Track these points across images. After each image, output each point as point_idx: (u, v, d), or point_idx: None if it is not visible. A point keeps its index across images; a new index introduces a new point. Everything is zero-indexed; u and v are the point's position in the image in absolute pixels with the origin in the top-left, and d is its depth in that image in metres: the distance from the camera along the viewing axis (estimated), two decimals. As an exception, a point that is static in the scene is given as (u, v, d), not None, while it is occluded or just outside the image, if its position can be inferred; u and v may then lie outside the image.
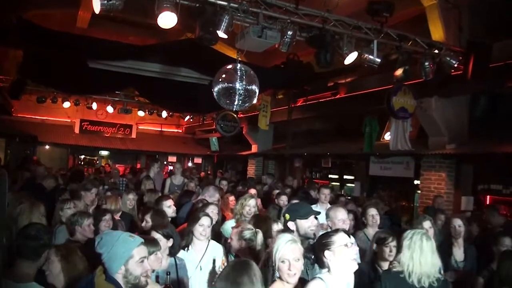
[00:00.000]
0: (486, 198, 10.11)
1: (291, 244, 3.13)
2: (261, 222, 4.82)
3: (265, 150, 17.37)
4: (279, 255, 3.10)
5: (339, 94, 12.69)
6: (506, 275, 4.19)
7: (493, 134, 9.43)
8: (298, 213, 4.06)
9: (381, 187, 12.73)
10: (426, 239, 3.69)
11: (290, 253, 3.09)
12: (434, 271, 3.61)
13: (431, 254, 3.62)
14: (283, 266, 3.08)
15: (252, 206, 5.69)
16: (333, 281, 3.13)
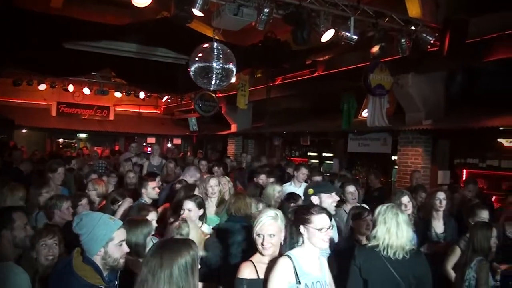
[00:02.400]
0: (463, 172, 10.31)
1: (270, 219, 3.28)
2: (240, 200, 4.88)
3: (245, 129, 17.42)
4: (257, 228, 3.28)
5: (317, 72, 12.70)
6: (478, 245, 4.30)
7: (469, 110, 9.58)
8: (322, 188, 4.25)
9: (359, 163, 12.89)
10: (401, 212, 3.76)
11: (266, 228, 3.26)
12: (408, 243, 3.69)
13: (406, 227, 3.70)
14: (259, 239, 3.26)
15: (214, 185, 5.68)
16: (303, 253, 3.22)
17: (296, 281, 3.09)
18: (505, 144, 9.45)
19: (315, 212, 3.28)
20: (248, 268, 3.22)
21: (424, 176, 9.79)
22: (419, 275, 3.64)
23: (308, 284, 3.13)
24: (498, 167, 9.36)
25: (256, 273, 3.21)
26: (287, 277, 3.09)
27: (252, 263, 3.25)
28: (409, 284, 3.62)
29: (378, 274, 3.67)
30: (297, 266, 3.13)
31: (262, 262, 3.26)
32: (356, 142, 12.25)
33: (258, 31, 7.52)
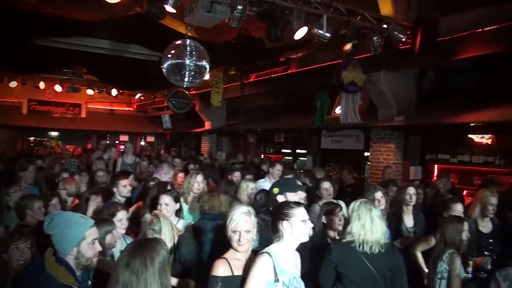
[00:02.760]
0: (434, 167, 10.46)
1: (244, 216, 3.31)
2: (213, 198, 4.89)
3: (219, 126, 17.39)
4: (232, 225, 3.28)
5: (291, 69, 12.75)
6: (450, 238, 4.39)
7: (440, 106, 9.73)
8: (287, 187, 4.20)
9: (333, 159, 13.00)
10: (374, 208, 3.82)
11: (242, 224, 3.28)
12: (383, 237, 3.75)
13: (380, 222, 3.76)
14: (234, 236, 3.27)
15: (200, 181, 5.84)
16: (281, 250, 3.26)
17: (275, 278, 3.12)
18: (475, 139, 9.64)
19: (295, 206, 3.35)
20: (223, 266, 3.21)
21: (396, 172, 9.92)
22: (394, 268, 3.72)
23: (285, 281, 3.16)
24: (469, 162, 9.51)
25: (231, 270, 3.21)
26: (266, 275, 3.11)
27: (226, 260, 3.25)
28: (384, 276, 3.69)
29: (355, 269, 3.73)
30: (276, 263, 3.15)
31: (236, 258, 3.28)
32: (329, 138, 12.35)
33: (231, 28, 7.51)
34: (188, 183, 5.86)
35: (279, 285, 3.12)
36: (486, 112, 8.25)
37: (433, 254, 4.59)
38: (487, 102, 8.60)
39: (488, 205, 5.11)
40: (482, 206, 5.17)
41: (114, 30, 9.57)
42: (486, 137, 9.44)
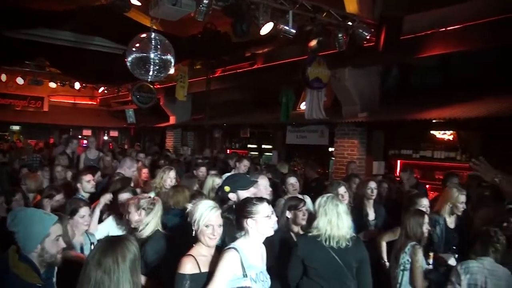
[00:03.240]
0: (397, 162, 10.69)
1: (216, 210, 3.31)
2: (178, 193, 4.86)
3: (184, 121, 17.26)
4: (204, 220, 3.24)
5: (257, 64, 12.76)
6: (411, 231, 4.48)
7: (402, 103, 9.93)
8: (238, 184, 4.13)
9: (298, 154, 13.09)
10: (340, 203, 3.87)
11: (215, 219, 3.28)
12: (350, 231, 3.81)
13: (346, 217, 3.82)
14: (207, 230, 3.24)
15: (173, 177, 5.84)
16: (248, 245, 3.27)
17: (243, 273, 3.12)
18: (437, 135, 9.89)
19: (258, 202, 3.35)
20: (190, 263, 3.18)
21: (360, 167, 10.07)
22: (360, 260, 3.81)
23: (252, 276, 3.17)
24: (431, 157, 9.76)
25: (198, 267, 3.18)
26: (233, 270, 3.11)
27: (193, 257, 3.22)
28: (351, 269, 3.77)
29: (322, 263, 3.79)
30: (243, 259, 3.16)
31: (202, 255, 3.26)
32: (294, 134, 12.43)
33: (197, 22, 7.45)
34: (161, 179, 5.81)
35: (247, 279, 3.13)
36: (448, 109, 8.44)
37: (395, 246, 4.68)
38: (449, 100, 8.81)
39: (458, 204, 5.24)
40: (452, 205, 5.28)
41: (78, 21, 9.38)
42: (447, 133, 9.70)
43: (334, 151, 10.98)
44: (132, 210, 3.95)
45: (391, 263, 4.73)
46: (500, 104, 7.74)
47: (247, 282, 3.12)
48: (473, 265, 3.97)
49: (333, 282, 3.79)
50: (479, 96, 8.45)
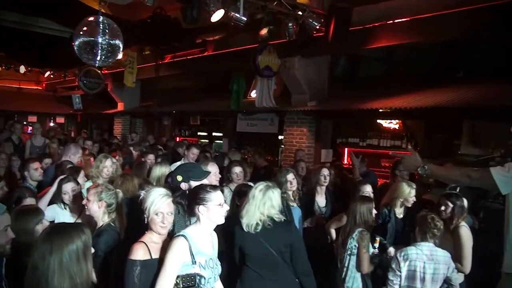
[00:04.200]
0: (344, 150, 10.92)
1: (167, 198, 3.31)
2: (127, 181, 4.81)
3: (132, 108, 16.95)
4: (154, 208, 3.24)
5: (207, 51, 12.67)
6: (359, 217, 4.62)
7: (350, 92, 10.12)
8: (191, 174, 4.10)
9: (248, 142, 13.16)
10: (269, 189, 3.94)
11: (165, 206, 3.28)
12: (276, 215, 3.90)
13: (273, 202, 3.90)
14: (157, 218, 3.24)
15: (109, 166, 5.63)
16: (198, 232, 3.29)
17: (192, 260, 3.14)
18: (384, 124, 10.17)
19: (212, 190, 3.36)
20: (141, 249, 3.17)
21: (308, 155, 10.22)
22: (290, 243, 3.88)
23: (201, 262, 3.20)
24: (377, 145, 10.06)
25: (149, 254, 3.18)
26: (182, 257, 3.12)
27: (144, 243, 3.21)
28: (280, 252, 3.84)
29: (252, 248, 3.89)
30: (192, 246, 3.17)
31: (153, 241, 3.26)
32: (244, 122, 12.47)
33: (147, 7, 7.34)
34: (97, 168, 5.60)
35: (196, 266, 3.15)
36: (394, 99, 8.67)
37: (343, 232, 4.80)
38: (395, 90, 9.06)
39: (409, 198, 5.40)
40: (403, 199, 5.43)
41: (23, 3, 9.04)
42: (393, 122, 9.99)
43: (284, 139, 11.10)
44: (92, 199, 3.84)
45: (338, 248, 4.85)
46: (442, 95, 8.04)
47: (196, 268, 3.15)
48: (412, 252, 4.12)
49: (267, 268, 3.89)
50: (422, 87, 8.74)
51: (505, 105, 6.79)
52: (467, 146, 8.31)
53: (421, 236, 4.18)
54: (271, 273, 3.88)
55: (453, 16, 7.44)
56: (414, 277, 4.10)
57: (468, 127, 8.40)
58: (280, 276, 3.88)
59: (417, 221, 4.33)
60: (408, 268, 4.12)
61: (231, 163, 6.28)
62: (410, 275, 4.12)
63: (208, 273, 3.24)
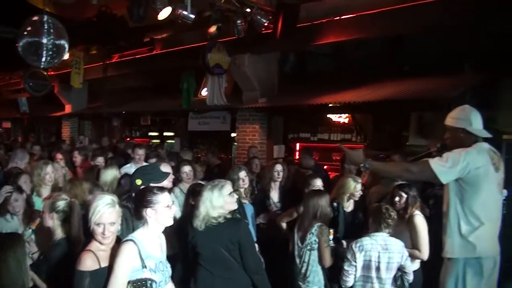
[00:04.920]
0: (296, 145, 11.03)
1: (109, 207, 3.16)
2: (75, 187, 4.70)
3: (80, 109, 16.50)
4: (95, 218, 3.12)
5: (156, 50, 12.51)
6: (322, 211, 4.65)
7: (300, 88, 10.22)
8: (151, 177, 4.03)
9: (201, 141, 13.10)
10: (215, 188, 3.95)
11: (108, 217, 3.14)
12: (222, 213, 3.90)
13: (221, 199, 3.91)
14: (98, 229, 3.13)
15: (51, 172, 5.47)
16: (146, 236, 3.23)
17: (142, 264, 3.08)
18: (333, 119, 10.33)
19: (159, 192, 3.29)
20: (90, 259, 3.07)
21: (261, 151, 10.27)
22: (237, 240, 3.86)
23: (152, 266, 3.14)
24: (328, 140, 10.20)
25: (98, 263, 3.09)
26: (131, 262, 3.05)
27: (92, 252, 3.11)
28: (229, 250, 3.83)
29: (203, 247, 3.87)
30: (141, 250, 3.11)
31: (101, 249, 3.16)
32: (196, 120, 12.38)
33: (92, 5, 7.18)
34: (38, 176, 5.41)
35: (146, 270, 3.10)
36: (343, 94, 8.82)
37: (299, 227, 4.81)
38: (343, 85, 9.21)
39: (355, 193, 5.46)
40: (350, 194, 5.50)
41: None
42: (343, 116, 10.15)
43: (236, 136, 11.10)
44: (45, 211, 3.69)
45: (294, 244, 4.85)
46: (389, 88, 8.23)
47: (146, 273, 3.10)
48: (367, 242, 4.18)
49: (218, 266, 3.88)
50: (370, 81, 8.91)
51: (450, 96, 7.04)
52: (415, 137, 8.53)
53: (375, 227, 4.24)
54: (223, 271, 3.87)
55: (398, 11, 7.65)
56: (370, 267, 4.17)
57: (416, 119, 8.62)
58: (231, 274, 3.88)
59: (370, 212, 4.41)
60: (364, 259, 4.18)
61: (180, 163, 6.22)
62: (365, 265, 4.19)
63: (159, 277, 3.19)
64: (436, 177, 3.53)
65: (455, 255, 3.61)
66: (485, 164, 3.52)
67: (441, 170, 3.51)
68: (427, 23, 7.55)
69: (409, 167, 3.85)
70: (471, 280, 3.53)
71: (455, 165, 3.47)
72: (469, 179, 3.51)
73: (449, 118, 3.78)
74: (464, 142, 3.65)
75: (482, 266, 3.53)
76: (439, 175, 3.51)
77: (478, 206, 3.53)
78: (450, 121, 3.76)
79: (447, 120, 3.78)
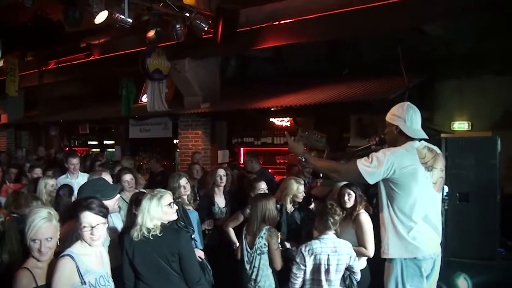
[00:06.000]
0: (240, 150, 11.04)
1: (45, 222, 2.98)
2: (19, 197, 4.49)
3: (16, 119, 15.86)
4: (31, 233, 2.95)
5: (93, 55, 12.21)
6: (270, 214, 4.61)
7: (242, 93, 10.26)
8: (102, 193, 3.78)
9: (142, 149, 12.88)
10: (153, 197, 3.80)
11: (44, 232, 2.97)
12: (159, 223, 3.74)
13: (160, 209, 3.75)
14: (35, 245, 2.95)
15: None
16: (85, 249, 3.08)
17: (81, 281, 2.94)
18: (276, 123, 10.41)
19: (82, 209, 3.11)
20: (25, 277, 2.89)
21: (205, 157, 10.18)
22: (178, 251, 3.72)
23: (92, 282, 3.01)
24: (271, 143, 10.31)
25: (34, 281, 2.91)
26: (70, 279, 2.91)
27: (28, 269, 2.93)
28: (168, 262, 3.69)
29: (141, 260, 3.70)
30: (80, 265, 2.96)
31: (37, 267, 2.97)
32: (137, 127, 12.16)
33: (27, 9, 6.90)
34: None
35: (86, 286, 2.96)
36: (284, 98, 8.91)
37: (247, 231, 4.75)
38: (285, 89, 9.30)
39: (298, 194, 5.48)
40: (293, 195, 5.51)
41: None
42: (285, 120, 10.24)
43: (179, 142, 10.98)
44: None
45: (242, 249, 4.77)
46: (330, 92, 8.40)
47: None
48: (316, 246, 4.17)
49: (157, 279, 3.72)
50: (311, 84, 9.06)
51: (388, 98, 7.23)
52: (356, 139, 8.72)
53: (323, 226, 4.24)
54: (162, 284, 3.71)
55: (335, 16, 7.80)
56: (319, 270, 4.15)
57: (355, 121, 8.82)
58: (172, 287, 3.73)
59: (316, 213, 4.43)
60: (314, 262, 4.17)
61: (121, 171, 6.03)
62: (315, 268, 4.17)
63: None
64: (362, 178, 3.55)
65: (391, 255, 3.61)
66: (412, 164, 3.51)
67: (366, 170, 3.52)
68: (363, 27, 7.73)
69: (338, 168, 3.87)
70: (411, 281, 3.54)
71: (379, 165, 3.48)
72: (396, 180, 3.52)
73: (388, 114, 3.79)
74: (398, 140, 3.67)
75: (420, 267, 3.54)
76: (364, 175, 3.53)
77: (408, 206, 3.53)
78: (389, 117, 3.77)
79: (387, 115, 3.80)
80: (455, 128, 8.38)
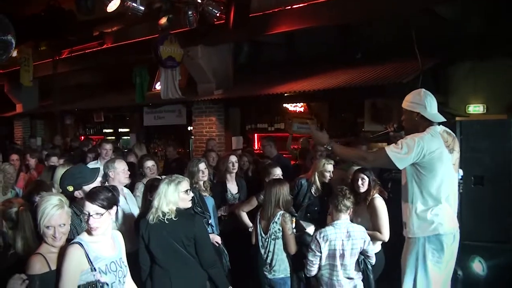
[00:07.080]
0: (254, 136, 11.06)
1: (57, 209, 3.05)
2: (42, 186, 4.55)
3: (32, 109, 16.03)
4: (44, 221, 3.01)
5: (106, 44, 12.23)
6: (283, 200, 4.63)
7: (255, 79, 10.24)
8: (80, 180, 3.87)
9: (157, 136, 12.95)
10: (172, 182, 3.86)
11: (57, 219, 3.03)
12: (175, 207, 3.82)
13: (177, 194, 3.83)
14: (49, 231, 3.01)
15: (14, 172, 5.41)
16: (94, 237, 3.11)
17: (91, 267, 2.98)
18: (289, 108, 10.38)
19: (85, 198, 3.18)
20: (39, 262, 2.96)
21: (219, 143, 10.22)
22: (193, 235, 3.78)
23: (102, 268, 3.04)
24: (285, 129, 10.25)
25: (48, 266, 2.98)
26: (79, 266, 2.95)
27: (42, 255, 3.00)
28: (184, 246, 3.76)
29: (157, 243, 3.77)
30: (89, 252, 3.00)
31: (51, 252, 3.04)
32: (151, 115, 12.23)
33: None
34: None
35: (96, 273, 3.00)
36: (297, 83, 8.88)
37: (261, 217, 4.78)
38: (298, 74, 9.27)
39: (325, 172, 5.53)
40: (319, 174, 5.56)
41: None
42: (299, 105, 10.22)
43: (193, 129, 11.02)
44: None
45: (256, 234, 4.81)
46: (343, 76, 8.34)
47: (96, 275, 2.99)
48: (331, 232, 4.21)
49: (173, 263, 3.79)
50: (324, 69, 9.00)
51: (402, 82, 7.18)
52: (370, 123, 8.70)
53: (335, 212, 4.29)
54: (178, 267, 3.79)
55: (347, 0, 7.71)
56: (334, 255, 4.21)
57: (369, 105, 8.78)
58: (187, 270, 3.81)
59: (330, 201, 4.45)
60: (329, 248, 4.21)
61: (142, 158, 6.14)
62: (330, 254, 4.22)
63: (111, 278, 3.09)
64: (393, 164, 3.67)
65: (416, 234, 3.75)
66: (439, 147, 3.65)
67: (397, 156, 3.65)
68: (375, 10, 7.65)
69: (366, 156, 4.04)
70: (432, 256, 3.69)
71: (410, 151, 3.60)
72: (424, 163, 3.65)
73: (405, 102, 3.88)
74: (419, 126, 3.78)
75: (442, 242, 3.68)
76: (395, 161, 3.66)
77: (435, 187, 3.68)
78: (406, 105, 3.86)
79: (404, 103, 3.89)
80: (470, 112, 8.31)
